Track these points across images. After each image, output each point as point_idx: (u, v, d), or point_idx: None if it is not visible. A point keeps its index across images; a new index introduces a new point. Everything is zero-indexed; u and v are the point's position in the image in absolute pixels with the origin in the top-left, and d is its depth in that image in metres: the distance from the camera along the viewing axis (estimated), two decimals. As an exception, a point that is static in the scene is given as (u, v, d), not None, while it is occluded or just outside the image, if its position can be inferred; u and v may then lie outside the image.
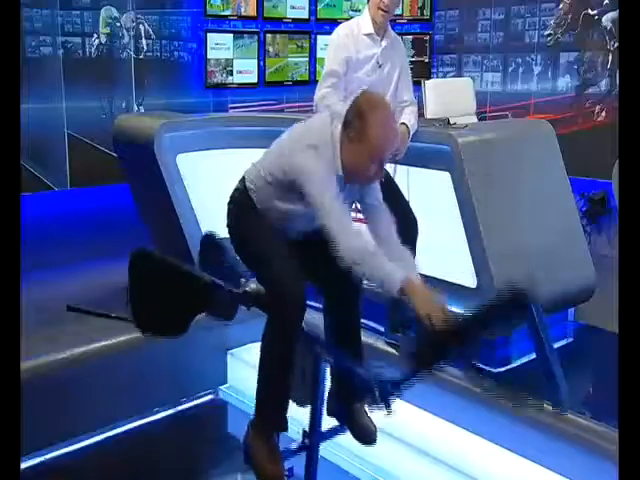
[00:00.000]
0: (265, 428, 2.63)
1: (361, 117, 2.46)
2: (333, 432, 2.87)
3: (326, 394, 2.81)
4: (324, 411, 2.77)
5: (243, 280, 2.73)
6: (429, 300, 2.39)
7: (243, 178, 2.75)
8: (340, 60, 3.60)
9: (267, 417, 2.64)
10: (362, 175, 2.52)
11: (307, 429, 2.71)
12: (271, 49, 8.22)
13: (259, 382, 2.64)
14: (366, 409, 2.79)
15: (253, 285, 2.72)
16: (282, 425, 2.65)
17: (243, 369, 4.05)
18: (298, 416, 2.70)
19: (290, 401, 2.65)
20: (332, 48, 3.68)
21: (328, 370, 2.71)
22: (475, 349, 2.38)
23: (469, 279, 3.67)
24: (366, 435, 2.85)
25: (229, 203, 2.76)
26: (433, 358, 2.40)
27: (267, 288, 2.60)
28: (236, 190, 2.76)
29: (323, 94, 3.59)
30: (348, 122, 2.50)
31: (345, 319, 2.80)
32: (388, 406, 2.50)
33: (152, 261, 2.68)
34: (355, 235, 2.42)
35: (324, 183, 2.44)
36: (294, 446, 2.72)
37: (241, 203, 2.70)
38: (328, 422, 2.86)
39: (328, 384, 2.79)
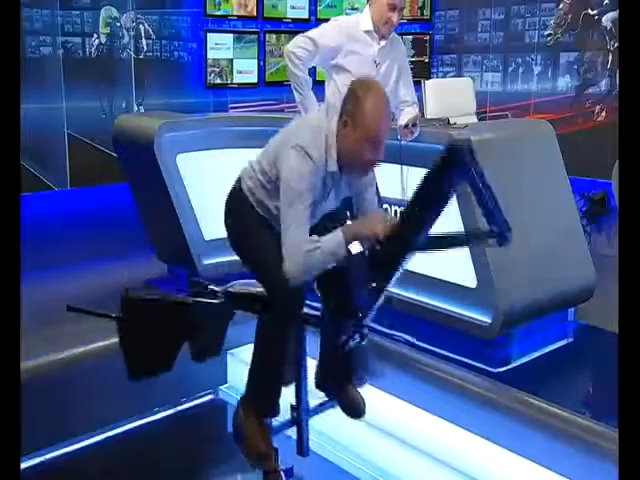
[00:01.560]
0: (258, 413, 2.65)
1: (355, 100, 2.47)
2: (321, 406, 2.90)
3: (315, 368, 2.86)
4: (312, 385, 2.82)
5: (220, 288, 2.77)
6: (367, 221, 2.51)
7: (239, 178, 2.76)
8: (327, 40, 3.61)
9: (260, 403, 2.67)
10: (358, 160, 2.50)
11: (294, 403, 2.75)
12: (271, 49, 8.21)
13: (254, 369, 2.67)
14: (355, 385, 2.86)
15: (238, 286, 2.76)
16: (275, 411, 2.68)
17: (243, 369, 4.02)
18: (286, 392, 2.72)
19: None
20: (328, 27, 3.68)
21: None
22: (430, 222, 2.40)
23: (469, 279, 3.67)
24: (354, 408, 2.89)
25: (226, 203, 2.77)
26: (396, 250, 2.43)
27: (266, 286, 2.61)
28: (233, 190, 2.77)
29: (296, 52, 3.60)
30: (343, 108, 2.50)
31: (338, 304, 2.80)
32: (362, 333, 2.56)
33: (136, 302, 2.70)
34: (299, 253, 2.42)
35: (295, 192, 2.44)
36: (283, 421, 2.76)
37: (238, 203, 2.71)
38: (318, 397, 2.90)
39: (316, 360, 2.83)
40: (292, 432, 2.81)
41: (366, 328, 2.65)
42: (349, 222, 2.68)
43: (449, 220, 3.64)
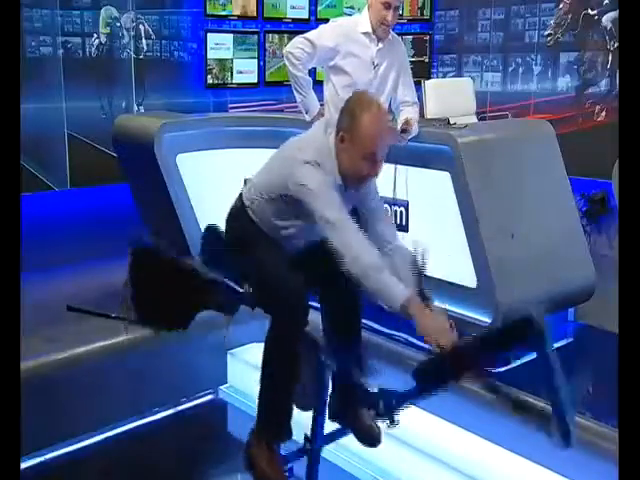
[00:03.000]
0: (269, 438, 2.62)
1: (351, 116, 2.46)
2: (335, 435, 2.86)
3: (328, 398, 2.80)
4: (326, 416, 2.76)
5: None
6: (432, 321, 2.35)
7: (240, 195, 2.74)
8: (325, 41, 3.61)
9: (271, 428, 2.63)
10: (357, 174, 2.50)
11: (309, 433, 2.70)
12: (271, 49, 8.21)
13: (262, 392, 2.63)
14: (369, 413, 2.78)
15: None
16: (286, 436, 2.65)
17: (243, 369, 4.05)
18: (299, 418, 2.69)
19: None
20: (327, 28, 3.69)
21: (330, 375, 2.71)
22: (481, 370, 2.33)
23: (469, 279, 3.67)
24: (370, 438, 2.83)
25: (227, 220, 2.75)
26: (438, 378, 2.37)
27: (270, 301, 2.58)
28: (233, 207, 2.75)
29: (295, 53, 3.62)
30: (340, 124, 2.50)
31: (346, 329, 2.79)
32: (392, 419, 2.49)
33: (154, 256, 2.67)
34: (362, 249, 2.38)
35: (326, 198, 2.42)
36: (295, 449, 2.72)
37: (239, 220, 2.69)
38: (330, 425, 2.85)
39: (330, 388, 2.78)
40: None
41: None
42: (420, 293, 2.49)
43: (452, 227, 3.66)
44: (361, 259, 2.35)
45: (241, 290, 2.70)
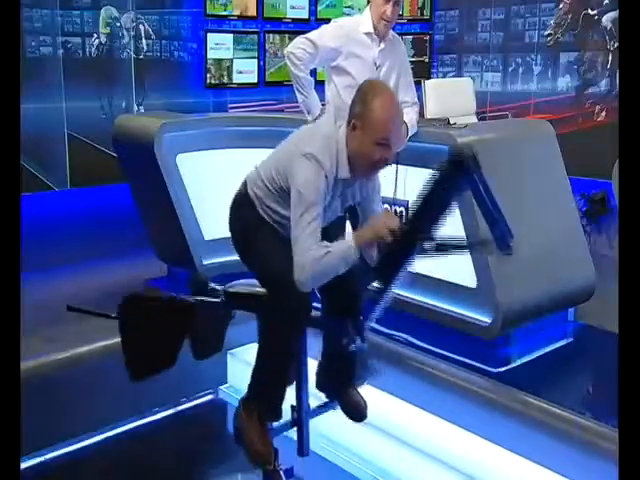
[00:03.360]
0: (260, 416, 2.65)
1: (363, 102, 2.47)
2: (322, 407, 2.90)
3: (316, 369, 2.86)
4: (312, 386, 2.80)
5: (221, 287, 2.76)
6: (374, 224, 2.47)
7: (245, 182, 2.74)
8: (327, 42, 3.61)
9: (263, 407, 2.66)
10: (369, 161, 2.49)
11: (294, 403, 2.75)
12: (272, 50, 8.21)
13: (257, 373, 2.66)
14: (356, 387, 2.86)
15: (238, 286, 2.75)
16: (278, 416, 2.67)
17: (243, 369, 4.04)
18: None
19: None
20: (329, 28, 3.68)
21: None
22: (435, 225, 2.39)
23: (469, 279, 3.67)
24: (357, 411, 2.88)
25: (231, 207, 2.76)
26: (396, 255, 2.43)
27: (272, 292, 2.59)
28: (238, 194, 2.75)
29: (296, 53, 3.62)
30: (351, 111, 2.50)
31: (343, 309, 2.79)
32: (362, 338, 2.57)
33: (137, 302, 2.70)
34: (310, 259, 2.41)
35: (307, 201, 2.43)
36: (284, 421, 2.74)
37: (243, 207, 2.69)
38: (318, 399, 2.90)
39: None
40: (292, 432, 2.81)
41: (367, 330, 2.65)
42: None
43: (451, 223, 3.66)
44: (308, 259, 2.40)
45: (219, 293, 2.73)
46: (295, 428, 2.79)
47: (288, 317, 2.52)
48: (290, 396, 2.72)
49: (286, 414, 2.73)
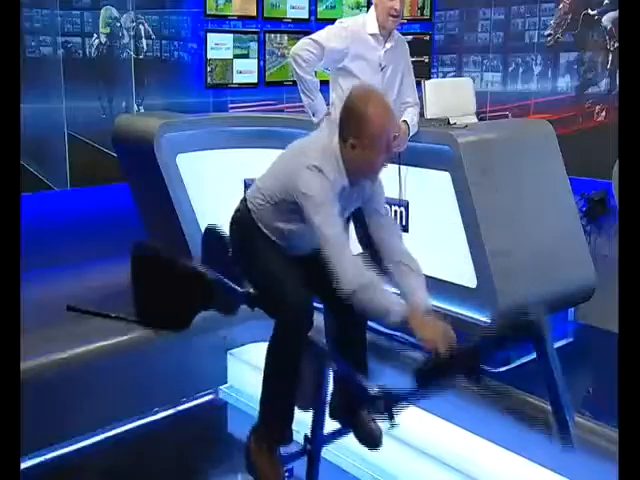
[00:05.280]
0: (270, 441, 2.62)
1: (357, 119, 2.43)
2: (335, 436, 2.86)
3: (329, 398, 2.79)
4: (327, 415, 2.75)
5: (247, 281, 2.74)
6: (431, 329, 2.37)
7: (244, 199, 2.72)
8: (333, 43, 3.58)
9: (272, 431, 2.63)
10: (374, 169, 2.50)
11: (309, 434, 2.69)
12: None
13: (265, 394, 2.63)
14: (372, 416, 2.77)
15: None
16: (287, 439, 2.65)
17: (243, 369, 4.05)
18: (299, 417, 2.70)
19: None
20: (334, 29, 3.65)
21: (330, 375, 2.70)
22: (479, 371, 2.34)
23: (469, 279, 3.67)
24: (372, 439, 2.83)
25: (231, 224, 2.74)
26: (437, 380, 2.39)
27: (274, 306, 2.57)
28: (237, 211, 2.73)
29: (302, 55, 3.57)
30: (345, 127, 2.47)
31: (351, 333, 2.79)
32: (392, 418, 2.48)
33: (155, 257, 2.67)
34: (352, 265, 2.39)
35: (324, 209, 2.41)
36: (295, 450, 2.71)
37: (243, 223, 2.68)
38: (330, 425, 2.84)
39: (331, 388, 2.77)
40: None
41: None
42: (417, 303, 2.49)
43: (452, 224, 3.66)
44: (353, 276, 2.36)
45: (240, 290, 2.70)
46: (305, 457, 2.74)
47: (289, 332, 2.51)
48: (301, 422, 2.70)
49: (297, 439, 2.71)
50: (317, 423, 2.68)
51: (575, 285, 3.85)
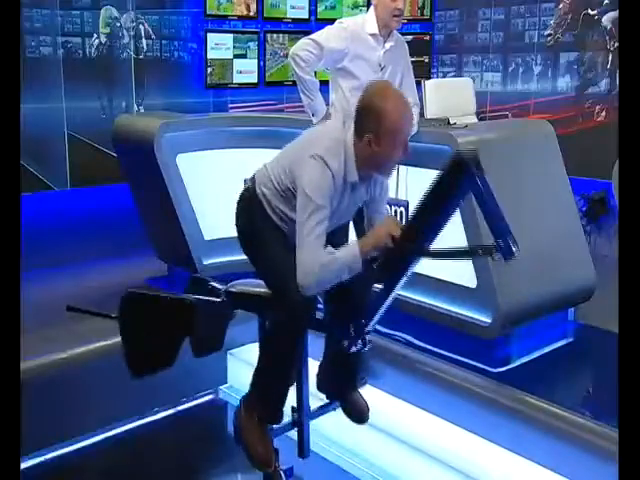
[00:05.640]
0: (260, 419, 2.64)
1: (374, 115, 2.42)
2: (323, 408, 2.89)
3: (317, 370, 2.85)
4: (312, 387, 2.80)
5: (223, 287, 2.76)
6: (377, 228, 2.49)
7: (253, 179, 2.70)
8: (333, 44, 3.58)
9: (264, 408, 2.65)
10: (388, 167, 2.52)
11: (295, 405, 2.74)
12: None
13: (259, 373, 2.65)
14: (358, 389, 2.86)
15: (239, 286, 2.75)
16: (279, 419, 2.66)
17: (243, 369, 4.04)
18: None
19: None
20: (334, 30, 3.64)
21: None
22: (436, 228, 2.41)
23: (469, 279, 3.67)
24: (358, 413, 2.87)
25: (238, 202, 2.73)
26: (400, 266, 2.45)
27: (276, 293, 2.58)
28: (246, 190, 2.71)
29: (301, 55, 3.57)
30: (362, 123, 2.45)
31: (346, 312, 2.79)
32: (364, 339, 2.58)
33: (137, 301, 2.70)
34: (312, 257, 2.40)
35: (314, 204, 2.41)
36: (285, 422, 2.74)
37: (250, 204, 2.67)
38: (320, 399, 2.90)
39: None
40: (293, 433, 2.81)
41: (369, 333, 2.65)
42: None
43: (453, 226, 3.67)
44: (313, 265, 2.39)
45: (219, 300, 2.73)
46: (295, 429, 2.78)
47: (290, 318, 2.51)
48: (291, 397, 2.72)
49: (286, 414, 2.73)
50: (302, 392, 2.72)
51: (575, 285, 3.85)
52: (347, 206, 2.59)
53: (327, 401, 2.91)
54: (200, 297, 2.70)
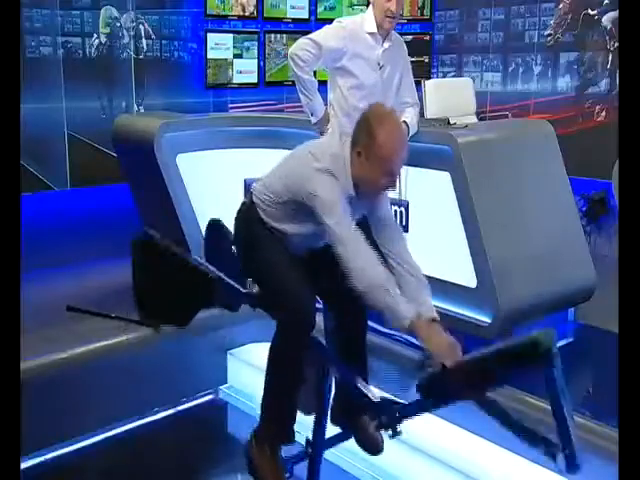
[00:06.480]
0: (271, 442, 2.62)
1: (368, 133, 2.45)
2: (336, 440, 2.86)
3: (331, 402, 2.79)
4: (328, 420, 2.76)
5: (249, 280, 2.73)
6: (439, 340, 2.38)
7: (251, 193, 2.72)
8: (331, 43, 3.57)
9: (274, 431, 2.63)
10: (374, 187, 2.51)
11: (310, 437, 2.70)
12: (271, 49, 8.21)
13: (267, 394, 2.63)
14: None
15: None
16: (289, 439, 2.64)
17: (243, 369, 4.05)
18: (301, 419, 2.69)
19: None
20: (332, 29, 3.65)
21: (333, 380, 2.70)
22: (488, 388, 2.31)
23: (469, 279, 3.67)
24: (373, 446, 2.83)
25: (236, 218, 2.74)
26: (442, 394, 2.38)
27: (276, 304, 2.58)
28: (243, 205, 2.73)
29: (300, 55, 3.56)
30: (356, 138, 2.49)
31: (351, 335, 2.79)
32: (394, 430, 2.50)
33: (157, 251, 2.67)
34: (369, 263, 2.38)
35: (336, 210, 2.42)
36: (296, 452, 2.71)
37: (248, 218, 2.68)
38: (332, 429, 2.85)
39: (333, 393, 2.77)
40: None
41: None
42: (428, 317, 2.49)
43: (452, 226, 3.66)
44: (367, 276, 2.36)
45: (243, 290, 2.70)
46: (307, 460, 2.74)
47: (292, 331, 2.51)
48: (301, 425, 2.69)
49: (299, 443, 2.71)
50: (319, 427, 2.68)
51: (575, 285, 3.85)
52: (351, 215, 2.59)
53: (341, 432, 2.86)
54: (226, 279, 2.65)
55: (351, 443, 3.21)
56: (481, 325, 3.64)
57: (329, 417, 2.79)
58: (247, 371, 3.98)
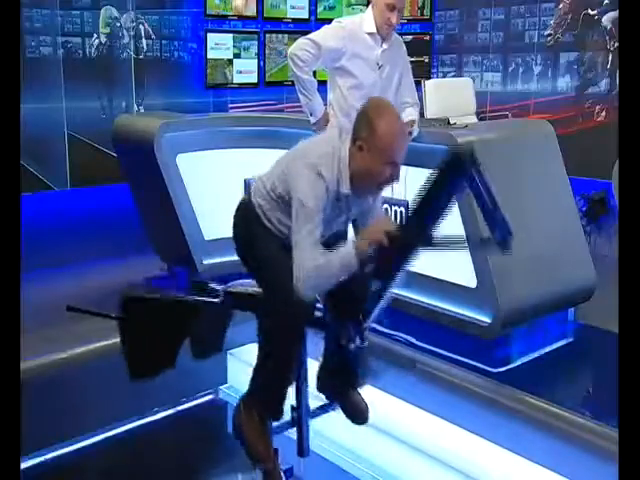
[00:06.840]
0: (261, 415, 2.65)
1: (368, 124, 2.45)
2: (323, 408, 2.90)
3: (317, 371, 2.85)
4: (311, 387, 2.80)
5: (221, 287, 2.76)
6: (370, 229, 2.49)
7: (249, 191, 2.74)
8: (331, 43, 3.58)
9: (264, 405, 2.66)
10: (374, 181, 2.51)
11: (294, 404, 2.74)
12: (271, 49, 8.21)
13: (258, 373, 2.66)
14: (358, 390, 2.86)
15: (238, 287, 2.75)
16: (278, 416, 2.68)
17: (243, 369, 4.04)
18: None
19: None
20: (331, 29, 3.65)
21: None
22: (433, 223, 2.40)
23: (469, 279, 3.67)
24: (357, 413, 2.88)
25: (235, 215, 2.76)
26: (394, 263, 2.45)
27: (276, 299, 2.58)
28: (242, 202, 2.75)
29: (300, 55, 3.58)
30: (356, 132, 2.49)
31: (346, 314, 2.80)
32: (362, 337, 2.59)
33: (136, 303, 2.70)
34: (310, 259, 2.41)
35: (310, 212, 2.43)
36: (284, 420, 2.75)
37: (247, 215, 2.69)
38: (320, 399, 2.90)
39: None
40: (292, 432, 2.81)
41: (367, 330, 2.65)
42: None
43: (451, 222, 3.66)
44: (308, 267, 2.40)
45: (216, 300, 2.73)
46: (295, 428, 2.78)
47: (290, 321, 2.52)
48: (290, 395, 2.72)
49: (286, 413, 2.73)
50: (301, 391, 2.73)
51: (575, 285, 3.85)
52: (339, 216, 2.60)
53: (327, 401, 2.91)
54: (199, 298, 2.70)
55: (351, 443, 3.23)
56: (481, 325, 3.64)
57: (315, 386, 2.85)
58: (247, 371, 3.96)
